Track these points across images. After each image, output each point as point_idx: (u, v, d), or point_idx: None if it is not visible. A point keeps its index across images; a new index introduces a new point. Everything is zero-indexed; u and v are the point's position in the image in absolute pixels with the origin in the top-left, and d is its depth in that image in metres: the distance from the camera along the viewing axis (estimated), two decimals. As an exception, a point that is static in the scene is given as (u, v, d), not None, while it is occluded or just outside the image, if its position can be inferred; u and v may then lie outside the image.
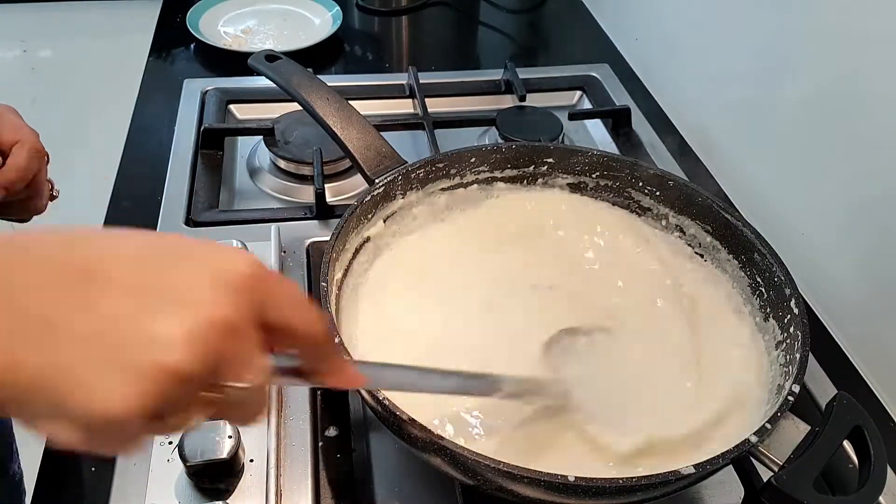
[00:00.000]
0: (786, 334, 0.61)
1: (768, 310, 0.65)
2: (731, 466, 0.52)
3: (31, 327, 0.29)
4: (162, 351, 0.29)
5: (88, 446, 0.30)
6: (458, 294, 0.69)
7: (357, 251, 0.69)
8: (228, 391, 0.32)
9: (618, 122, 1.05)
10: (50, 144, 0.75)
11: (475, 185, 0.76)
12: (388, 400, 0.49)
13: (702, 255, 0.73)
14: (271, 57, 0.80)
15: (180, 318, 0.30)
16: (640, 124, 1.06)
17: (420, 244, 0.73)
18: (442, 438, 0.48)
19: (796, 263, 0.64)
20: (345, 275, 0.66)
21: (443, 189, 0.75)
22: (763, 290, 0.65)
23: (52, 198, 0.72)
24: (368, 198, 0.68)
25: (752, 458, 0.52)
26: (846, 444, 0.53)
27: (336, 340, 0.37)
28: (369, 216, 0.69)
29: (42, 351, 0.29)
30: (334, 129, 0.73)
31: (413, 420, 0.49)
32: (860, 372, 0.75)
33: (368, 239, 0.70)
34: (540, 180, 0.77)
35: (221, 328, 0.30)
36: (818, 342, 0.70)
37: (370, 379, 0.44)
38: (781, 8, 0.85)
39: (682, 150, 1.03)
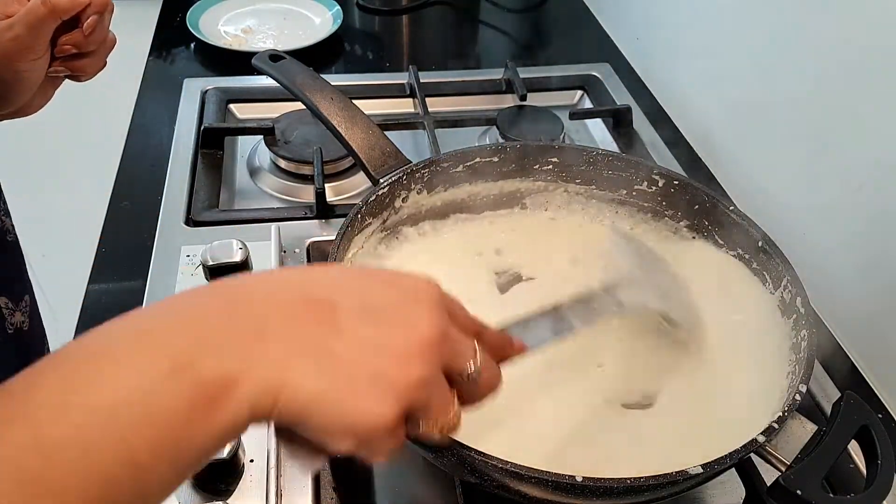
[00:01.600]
0: (792, 334, 0.60)
1: (773, 309, 0.64)
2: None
3: (303, 353, 0.34)
4: (403, 367, 0.35)
5: (360, 453, 0.36)
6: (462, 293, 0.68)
7: (361, 251, 0.68)
8: (465, 378, 0.39)
9: (619, 121, 1.05)
10: (50, 144, 0.74)
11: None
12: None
13: (705, 255, 0.72)
14: (275, 56, 0.79)
15: (407, 338, 0.36)
16: (641, 124, 1.06)
17: (423, 244, 0.73)
18: (448, 438, 0.47)
19: (798, 263, 0.64)
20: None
21: (446, 189, 0.74)
22: (770, 289, 0.65)
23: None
24: (373, 197, 0.68)
25: (758, 458, 0.51)
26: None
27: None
28: (374, 216, 0.69)
29: (321, 375, 0.34)
30: (339, 128, 0.72)
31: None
32: (862, 372, 0.75)
33: (372, 240, 0.70)
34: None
35: (438, 338, 0.37)
36: (819, 342, 0.69)
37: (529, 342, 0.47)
38: (782, 7, 0.85)
39: (683, 149, 1.03)
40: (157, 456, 0.30)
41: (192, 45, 1.21)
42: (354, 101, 0.76)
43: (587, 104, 1.14)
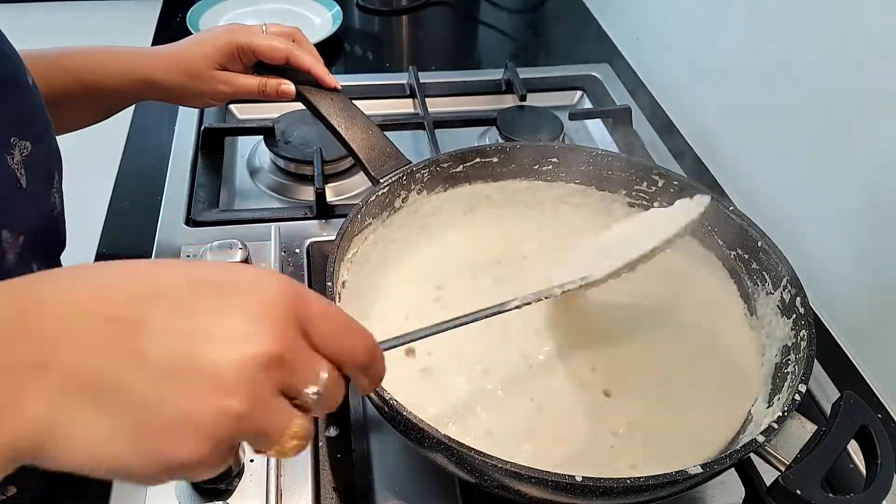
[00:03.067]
0: (792, 334, 0.60)
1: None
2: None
3: (82, 390, 0.29)
4: (217, 402, 0.30)
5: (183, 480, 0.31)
6: (462, 294, 0.69)
7: (361, 251, 0.68)
8: (304, 401, 0.33)
9: (618, 121, 1.05)
10: (49, 143, 0.75)
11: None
12: (394, 400, 0.49)
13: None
14: (275, 56, 0.79)
15: (232, 361, 0.30)
16: (641, 124, 1.06)
17: (425, 244, 0.73)
18: (449, 438, 0.48)
19: (797, 263, 0.64)
20: (350, 275, 0.66)
21: (445, 189, 0.74)
22: (770, 289, 0.65)
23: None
24: (374, 198, 0.68)
25: (758, 458, 0.51)
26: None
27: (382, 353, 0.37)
28: (374, 216, 0.69)
29: (97, 414, 0.29)
30: (339, 128, 0.73)
31: (420, 419, 0.49)
32: (861, 372, 0.75)
33: (373, 240, 0.70)
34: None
35: (274, 360, 0.31)
36: (819, 342, 0.69)
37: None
38: (782, 7, 0.85)
39: (682, 149, 1.03)
40: None
41: (192, 46, 1.21)
42: (354, 102, 0.76)
43: (587, 104, 1.14)
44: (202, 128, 0.97)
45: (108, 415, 0.29)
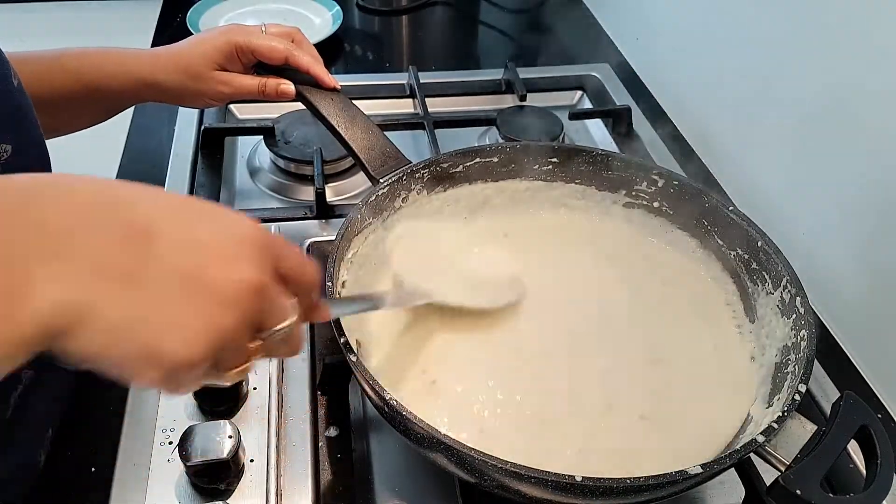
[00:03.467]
0: (792, 333, 0.60)
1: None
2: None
3: (110, 278, 0.32)
4: (215, 308, 0.34)
5: (163, 388, 0.35)
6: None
7: (361, 251, 0.68)
8: (271, 336, 0.38)
9: (618, 121, 1.05)
10: (49, 144, 0.75)
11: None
12: (394, 400, 0.49)
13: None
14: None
15: (225, 279, 0.34)
16: (641, 124, 1.06)
17: (425, 245, 0.73)
18: (449, 438, 0.48)
19: (797, 263, 0.64)
20: (349, 275, 0.66)
21: (445, 189, 0.74)
22: (770, 289, 0.65)
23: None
24: (373, 197, 0.68)
25: (757, 458, 0.51)
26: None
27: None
28: (374, 216, 0.69)
29: (122, 301, 0.32)
30: (339, 128, 0.73)
31: (420, 419, 0.49)
32: (861, 372, 0.75)
33: (373, 240, 0.70)
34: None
35: (255, 289, 0.35)
36: (819, 342, 0.69)
37: (333, 312, 0.51)
38: (782, 7, 0.85)
39: (682, 149, 1.03)
40: None
41: (192, 46, 1.21)
42: (354, 102, 0.76)
43: (587, 104, 1.14)
44: (202, 128, 0.97)
45: (130, 301, 0.32)
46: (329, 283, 0.58)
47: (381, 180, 0.69)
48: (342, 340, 0.54)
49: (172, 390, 0.36)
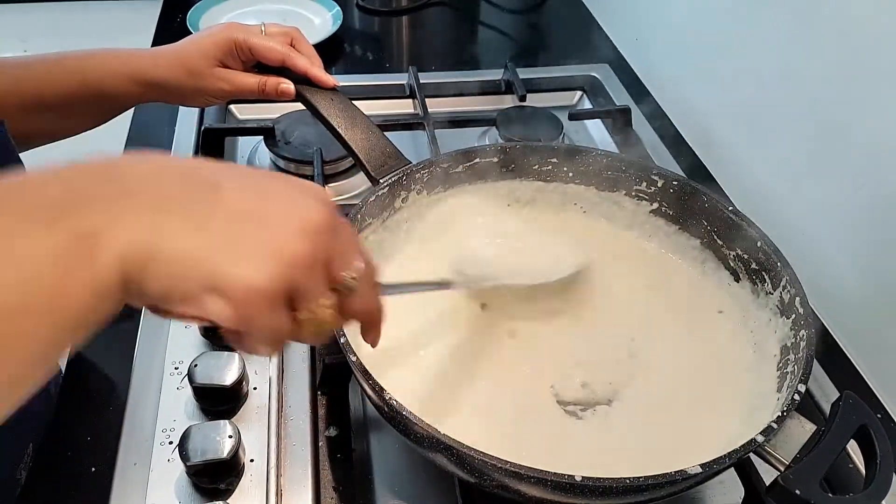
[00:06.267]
0: (791, 333, 0.60)
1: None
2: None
3: (177, 215, 0.33)
4: (288, 240, 0.35)
5: (237, 324, 0.34)
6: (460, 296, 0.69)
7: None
8: (343, 284, 0.38)
9: (618, 121, 1.05)
10: (50, 145, 0.75)
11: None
12: (394, 399, 0.49)
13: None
14: (275, 57, 0.79)
15: (295, 217, 0.36)
16: (641, 124, 1.06)
17: (425, 244, 0.73)
18: (449, 438, 0.48)
19: (796, 263, 0.64)
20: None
21: (445, 189, 0.74)
22: (769, 289, 0.65)
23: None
24: (374, 198, 0.68)
25: (757, 458, 0.52)
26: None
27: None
28: (374, 216, 0.69)
29: (188, 234, 0.33)
30: (339, 129, 0.73)
31: (420, 419, 0.49)
32: (860, 372, 0.75)
33: (373, 240, 0.70)
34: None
35: (326, 226, 0.37)
36: (819, 342, 0.69)
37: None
38: (782, 7, 0.85)
39: (682, 150, 1.03)
40: (28, 307, 0.30)
41: (193, 46, 1.21)
42: (354, 102, 0.76)
43: (586, 105, 1.14)
44: (202, 128, 0.97)
45: (203, 233, 0.33)
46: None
47: (381, 180, 0.69)
48: (342, 340, 0.54)
49: (252, 337, 0.36)
